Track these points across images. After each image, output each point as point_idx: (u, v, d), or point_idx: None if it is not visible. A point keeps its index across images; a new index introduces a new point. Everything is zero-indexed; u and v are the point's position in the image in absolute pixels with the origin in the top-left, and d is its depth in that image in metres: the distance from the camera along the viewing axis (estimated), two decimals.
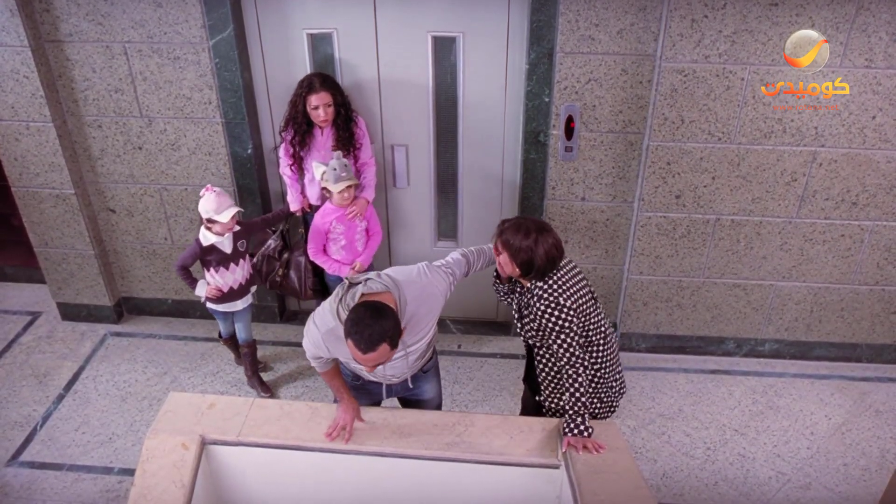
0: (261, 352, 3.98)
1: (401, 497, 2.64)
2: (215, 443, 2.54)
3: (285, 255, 3.69)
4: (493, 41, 3.44)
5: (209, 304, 3.54)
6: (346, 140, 3.43)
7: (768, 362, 3.96)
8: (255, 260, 3.69)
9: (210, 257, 3.37)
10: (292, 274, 3.68)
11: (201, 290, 3.45)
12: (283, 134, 3.48)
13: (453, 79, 3.57)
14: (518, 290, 2.61)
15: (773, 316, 3.85)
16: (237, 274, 3.46)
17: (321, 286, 3.74)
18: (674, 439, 3.48)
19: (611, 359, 2.66)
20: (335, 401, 2.65)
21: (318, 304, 3.93)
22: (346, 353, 2.28)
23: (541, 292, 2.45)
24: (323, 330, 2.36)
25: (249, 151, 3.70)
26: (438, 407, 2.90)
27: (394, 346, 2.17)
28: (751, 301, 3.80)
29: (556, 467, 2.48)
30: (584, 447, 2.42)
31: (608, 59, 3.27)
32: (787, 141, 3.33)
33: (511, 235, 2.44)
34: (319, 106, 3.32)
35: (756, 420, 3.59)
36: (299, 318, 4.33)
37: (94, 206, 3.95)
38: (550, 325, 2.44)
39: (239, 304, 3.56)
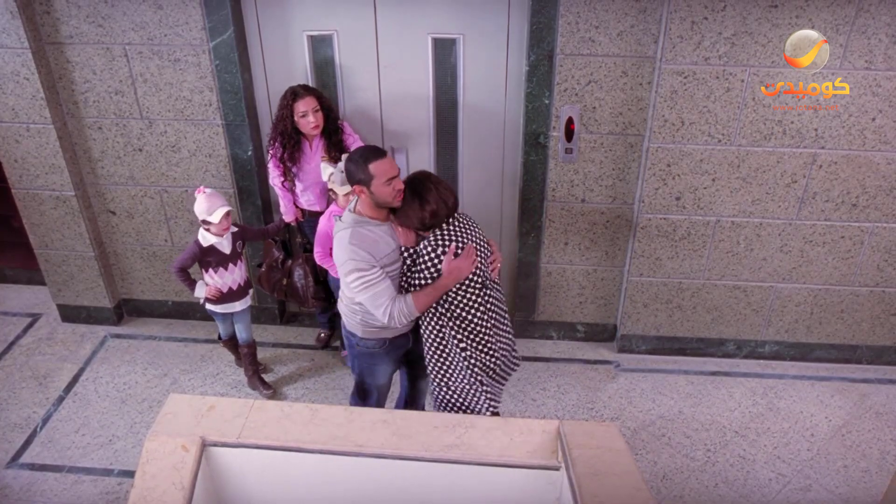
0: (261, 354, 3.98)
1: (401, 499, 2.64)
2: (215, 445, 2.54)
3: (287, 264, 3.69)
4: (494, 43, 3.45)
5: (208, 306, 3.55)
6: (335, 148, 3.42)
7: (768, 364, 3.96)
8: (262, 269, 3.69)
9: (210, 258, 3.38)
10: (294, 282, 3.68)
11: (200, 292, 3.46)
12: (270, 150, 3.47)
13: (453, 80, 3.57)
14: (407, 253, 2.74)
15: (774, 317, 3.85)
16: (235, 274, 3.47)
17: (325, 293, 3.73)
18: (674, 441, 3.48)
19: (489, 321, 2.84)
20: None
21: (321, 312, 3.95)
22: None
23: (432, 238, 2.66)
24: (348, 234, 2.60)
25: (249, 153, 3.71)
26: None
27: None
28: (751, 303, 3.81)
29: (557, 469, 2.48)
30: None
31: (608, 60, 3.27)
32: (787, 143, 3.33)
33: (402, 214, 2.64)
34: (307, 111, 3.30)
35: (756, 422, 3.59)
36: (299, 319, 4.33)
37: (94, 207, 3.95)
38: (422, 263, 2.66)
39: (238, 306, 3.57)
